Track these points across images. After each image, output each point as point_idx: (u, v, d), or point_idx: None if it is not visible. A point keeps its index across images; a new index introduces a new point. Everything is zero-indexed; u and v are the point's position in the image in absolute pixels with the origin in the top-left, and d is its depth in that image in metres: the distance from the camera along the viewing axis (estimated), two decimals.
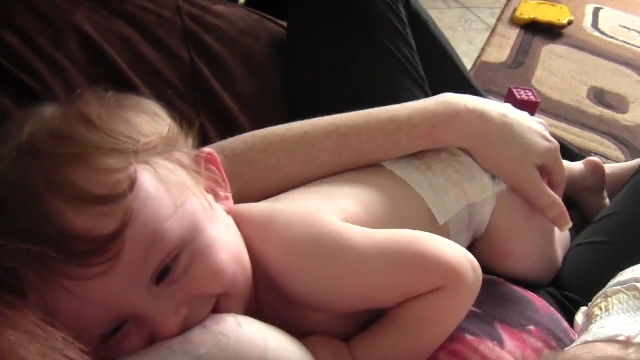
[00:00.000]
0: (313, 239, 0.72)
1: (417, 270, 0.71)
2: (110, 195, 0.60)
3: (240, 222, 0.74)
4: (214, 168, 0.75)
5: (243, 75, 1.11)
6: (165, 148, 0.68)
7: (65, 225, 0.59)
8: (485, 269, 0.91)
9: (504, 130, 0.90)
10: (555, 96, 2.22)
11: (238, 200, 0.77)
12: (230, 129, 1.01)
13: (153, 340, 0.63)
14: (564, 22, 2.56)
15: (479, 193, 0.90)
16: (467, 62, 2.29)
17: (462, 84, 1.28)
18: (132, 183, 0.62)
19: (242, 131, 1.01)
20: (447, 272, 0.71)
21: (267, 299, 0.74)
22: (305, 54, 1.18)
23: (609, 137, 2.08)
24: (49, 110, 0.67)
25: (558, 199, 0.92)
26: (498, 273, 0.93)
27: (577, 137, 2.05)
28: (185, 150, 0.71)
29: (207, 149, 0.75)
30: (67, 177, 0.60)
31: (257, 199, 0.84)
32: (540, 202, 0.92)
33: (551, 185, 0.94)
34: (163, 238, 0.62)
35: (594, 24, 2.71)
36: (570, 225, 0.93)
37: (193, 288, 0.64)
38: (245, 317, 0.67)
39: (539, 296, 0.91)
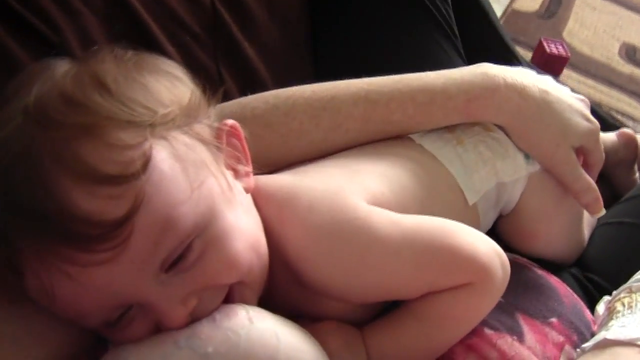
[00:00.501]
0: (336, 225, 0.67)
1: (446, 265, 0.67)
2: (122, 176, 0.55)
3: (259, 199, 0.70)
4: (236, 142, 0.69)
5: (267, 22, 1.04)
6: (185, 120, 0.62)
7: (71, 206, 0.54)
8: (507, 247, 0.87)
9: (544, 108, 0.84)
10: (586, 50, 2.15)
11: (255, 164, 0.72)
12: (250, 81, 0.97)
13: (158, 327, 0.60)
14: None
15: (511, 172, 0.85)
16: (498, 9, 2.21)
17: (499, 46, 1.22)
18: (147, 162, 0.56)
19: (262, 83, 0.97)
20: (477, 269, 0.66)
21: (282, 281, 0.70)
22: (332, 3, 1.11)
23: (638, 97, 2.01)
24: (62, 68, 0.61)
25: (593, 184, 0.88)
26: (521, 252, 0.90)
27: (605, 95, 1.99)
28: (206, 121, 0.66)
29: (230, 121, 0.69)
30: (75, 152, 0.55)
31: (276, 164, 0.79)
32: (574, 186, 0.87)
33: (587, 166, 0.90)
34: (176, 224, 0.57)
35: None
36: (604, 212, 0.88)
37: (205, 278, 0.60)
38: (257, 310, 0.63)
39: (562, 279, 0.87)
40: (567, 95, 0.88)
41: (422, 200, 0.77)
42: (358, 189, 0.71)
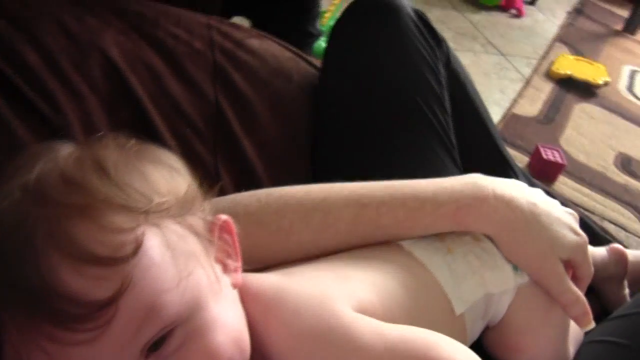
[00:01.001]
0: (320, 332, 0.66)
1: None
2: (111, 258, 0.55)
3: (246, 297, 0.69)
4: (228, 237, 0.70)
5: (269, 120, 1.06)
6: (179, 211, 0.63)
7: (57, 284, 0.54)
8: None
9: (532, 220, 0.85)
10: (582, 158, 2.17)
11: (244, 260, 0.72)
12: (247, 177, 0.98)
13: None
14: (601, 81, 2.52)
15: (499, 283, 0.85)
16: (498, 112, 2.26)
17: (494, 154, 1.24)
18: (137, 247, 0.57)
19: (259, 180, 0.98)
20: None
21: None
22: (335, 104, 1.13)
23: (632, 208, 2.02)
24: (65, 151, 0.63)
25: (582, 297, 0.87)
26: None
27: (598, 204, 2.00)
28: (200, 214, 0.66)
29: (223, 217, 0.70)
30: (68, 231, 0.55)
31: (264, 262, 0.79)
32: (562, 299, 0.87)
33: (576, 279, 0.89)
34: (160, 312, 0.57)
35: (630, 87, 2.67)
36: (593, 325, 0.88)
37: None
38: None
39: None
40: (556, 209, 0.89)
41: (410, 310, 0.77)
42: (345, 296, 0.71)
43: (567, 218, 0.89)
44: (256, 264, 0.76)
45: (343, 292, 0.72)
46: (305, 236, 0.82)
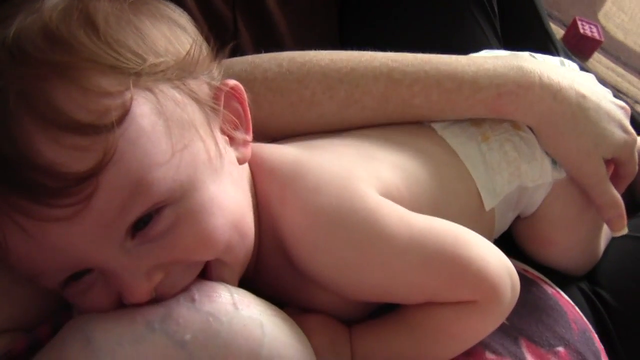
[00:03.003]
0: (341, 212, 0.60)
1: (454, 277, 0.60)
2: (93, 125, 0.48)
3: (260, 172, 0.63)
4: (237, 106, 0.62)
5: None
6: (178, 73, 0.55)
7: (31, 152, 0.48)
8: (521, 252, 0.85)
9: (578, 114, 0.77)
10: (619, 35, 2.06)
11: (259, 130, 0.65)
12: (268, 36, 0.89)
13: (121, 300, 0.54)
14: None
15: (536, 177, 0.79)
16: None
17: (536, 26, 1.14)
18: (124, 114, 0.50)
19: (281, 40, 0.90)
20: (485, 287, 0.60)
21: (273, 263, 0.64)
22: None
23: None
24: (52, 0, 0.54)
25: (620, 200, 0.81)
26: (532, 258, 0.85)
27: (633, 85, 1.92)
28: (205, 78, 0.59)
29: (232, 82, 0.62)
30: (45, 93, 0.48)
31: (280, 134, 0.73)
32: (600, 200, 0.81)
33: (617, 176, 0.83)
34: (148, 190, 0.51)
35: None
36: (626, 230, 0.82)
37: (174, 252, 0.54)
38: (242, 293, 0.57)
39: (570, 294, 0.83)
40: (607, 102, 0.81)
41: (437, 199, 0.71)
42: (371, 177, 0.65)
43: (617, 113, 0.81)
44: (272, 136, 0.71)
45: (368, 172, 0.65)
46: (328, 109, 0.74)
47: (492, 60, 0.78)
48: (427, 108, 0.76)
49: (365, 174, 0.65)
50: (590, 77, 0.84)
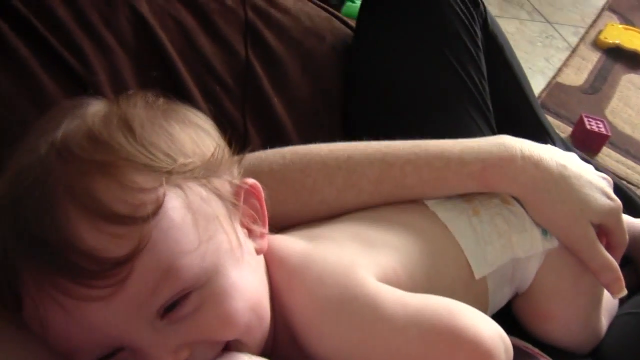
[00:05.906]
0: (344, 300, 0.65)
1: (451, 345, 0.64)
2: (130, 217, 0.55)
3: (271, 262, 0.69)
4: (255, 202, 0.69)
5: (299, 78, 1.04)
6: (204, 172, 0.63)
7: (74, 238, 0.54)
8: (522, 329, 0.86)
9: (561, 182, 0.83)
10: (627, 130, 2.12)
11: (269, 219, 0.71)
12: (275, 135, 0.97)
13: None
14: None
15: (527, 247, 0.83)
16: (542, 80, 2.21)
17: (531, 120, 1.21)
18: (158, 207, 0.57)
19: (288, 139, 0.97)
20: (481, 351, 0.63)
21: (283, 344, 0.68)
22: (368, 63, 1.11)
23: None
24: (94, 108, 0.63)
25: (614, 263, 0.84)
26: (534, 336, 0.87)
27: None
28: (227, 177, 0.66)
29: (251, 180, 0.69)
30: (88, 187, 0.56)
31: (286, 220, 0.79)
32: (593, 264, 0.84)
33: (609, 247, 0.86)
34: (177, 274, 0.57)
35: None
36: (625, 292, 0.85)
37: (199, 332, 0.59)
38: None
39: None
40: (588, 172, 0.86)
41: (429, 273, 0.76)
42: (370, 264, 0.71)
43: (599, 182, 0.87)
44: (278, 222, 0.75)
45: (367, 260, 0.71)
46: (328, 195, 0.81)
47: (477, 140, 0.85)
48: (419, 186, 0.82)
49: (365, 262, 0.70)
50: (572, 155, 0.89)
